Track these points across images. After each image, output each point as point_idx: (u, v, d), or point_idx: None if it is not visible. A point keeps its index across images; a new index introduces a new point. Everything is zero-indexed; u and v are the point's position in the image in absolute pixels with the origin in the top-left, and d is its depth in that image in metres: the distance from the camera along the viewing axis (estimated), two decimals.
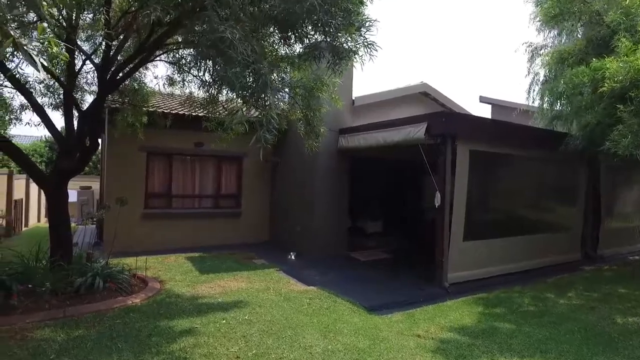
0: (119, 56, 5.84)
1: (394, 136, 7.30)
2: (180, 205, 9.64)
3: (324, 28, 3.36)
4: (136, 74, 7.16)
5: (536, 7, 7.17)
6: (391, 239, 10.66)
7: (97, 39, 6.31)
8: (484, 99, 14.49)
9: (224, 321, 4.67)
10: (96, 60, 6.18)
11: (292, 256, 8.56)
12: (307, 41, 3.91)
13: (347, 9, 3.47)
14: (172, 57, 6.86)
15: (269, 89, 2.90)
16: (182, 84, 7.13)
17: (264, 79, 2.87)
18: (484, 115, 11.95)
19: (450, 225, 6.57)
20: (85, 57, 5.90)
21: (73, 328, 4.23)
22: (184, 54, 6.34)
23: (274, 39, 4.65)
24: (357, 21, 3.49)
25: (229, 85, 2.80)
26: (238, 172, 10.32)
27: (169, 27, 4.14)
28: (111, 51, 5.59)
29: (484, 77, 64.27)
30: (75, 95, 7.05)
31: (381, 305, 5.56)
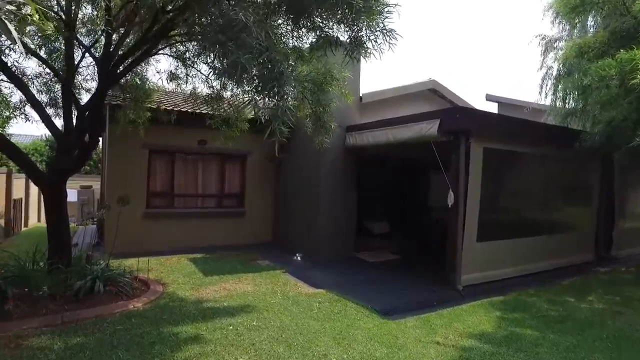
0: (120, 50, 5.60)
1: (405, 133, 7.05)
2: (183, 205, 9.40)
3: (343, 10, 3.09)
4: (138, 69, 6.93)
5: None
6: (399, 240, 10.40)
7: (98, 33, 6.08)
8: (490, 97, 14.24)
9: (231, 327, 4.42)
10: (96, 54, 5.95)
11: (298, 257, 8.31)
12: (321, 30, 3.65)
13: None
14: (175, 51, 6.63)
15: (285, 77, 2.66)
16: (185, 79, 6.88)
17: (279, 66, 2.63)
18: None
19: (463, 226, 6.33)
20: (84, 50, 5.64)
21: (71, 335, 3.98)
22: (189, 46, 6.09)
23: (283, 30, 4.39)
24: (377, 5, 3.23)
25: (241, 73, 2.55)
26: (242, 171, 10.08)
27: (173, 14, 3.89)
28: (112, 44, 5.36)
29: (489, 75, 63.98)
30: (75, 92, 6.83)
31: (394, 309, 5.32)
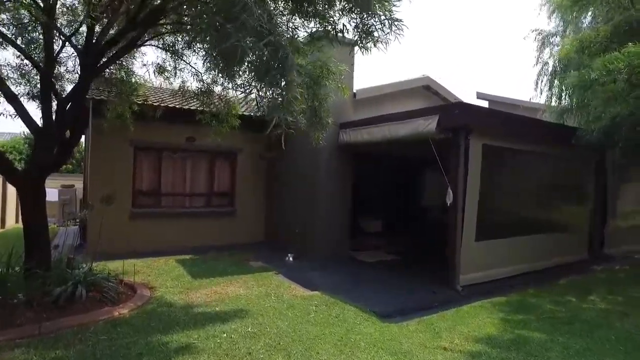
0: (103, 40, 5.24)
1: (401, 130, 6.86)
2: (171, 204, 9.04)
3: None
4: (123, 62, 6.57)
5: None
6: (395, 239, 10.20)
7: (79, 21, 5.69)
8: (481, 95, 14.15)
9: (224, 335, 4.14)
10: (79, 46, 5.58)
11: (290, 257, 8.07)
12: (323, 18, 3.39)
13: None
14: (163, 43, 6.29)
15: (290, 62, 2.40)
16: (174, 72, 6.54)
17: (284, 51, 2.37)
18: None
19: (462, 225, 6.17)
20: (64, 39, 5.27)
21: (50, 348, 3.63)
22: (178, 37, 5.76)
23: (281, 18, 4.12)
24: None
25: (242, 58, 2.29)
26: (232, 169, 9.78)
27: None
28: (94, 32, 5.00)
29: (480, 73, 64.47)
30: (58, 85, 6.45)
31: (394, 312, 5.11)
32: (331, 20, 3.37)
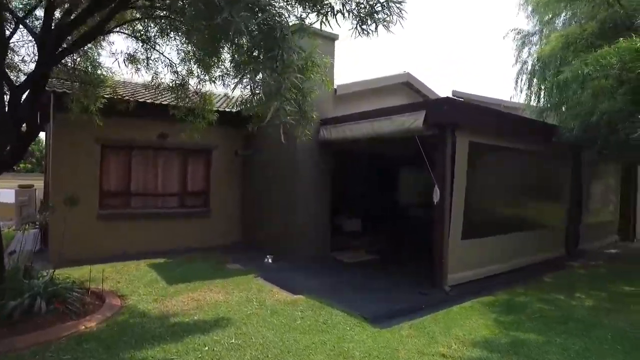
0: (65, 23, 4.72)
1: (386, 126, 6.65)
2: (141, 205, 8.50)
3: None
4: (89, 52, 6.02)
5: None
6: (377, 238, 10.02)
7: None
8: (457, 94, 14.24)
9: (206, 348, 3.78)
10: (36, 30, 5.02)
11: (269, 259, 7.73)
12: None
13: None
14: (133, 30, 5.79)
15: (288, 42, 2.10)
16: (146, 62, 6.04)
17: (282, 30, 2.06)
18: None
19: (450, 223, 6.03)
20: (17, 20, 4.71)
21: None
22: (152, 22, 5.29)
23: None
24: None
25: (235, 34, 1.97)
26: (206, 167, 9.33)
27: None
28: (53, 14, 4.49)
29: (457, 72, 65.86)
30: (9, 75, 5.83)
31: (383, 315, 4.88)
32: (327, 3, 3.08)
